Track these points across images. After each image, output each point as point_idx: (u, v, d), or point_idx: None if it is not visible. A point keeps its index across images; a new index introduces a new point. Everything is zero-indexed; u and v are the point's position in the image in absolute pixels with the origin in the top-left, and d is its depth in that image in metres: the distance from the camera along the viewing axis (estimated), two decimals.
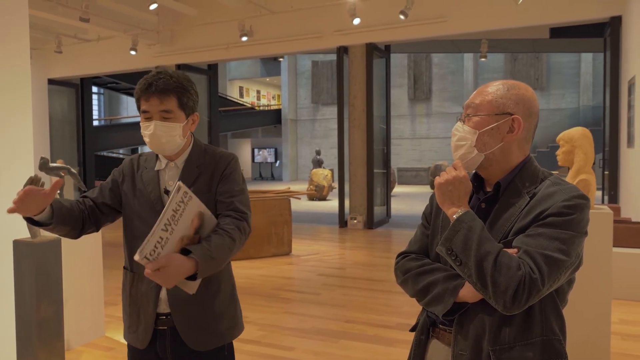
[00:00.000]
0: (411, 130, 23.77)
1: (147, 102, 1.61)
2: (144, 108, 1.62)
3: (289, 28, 9.62)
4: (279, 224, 6.94)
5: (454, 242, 1.21)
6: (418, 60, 23.27)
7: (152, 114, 1.62)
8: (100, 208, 1.72)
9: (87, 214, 1.68)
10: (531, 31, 9.24)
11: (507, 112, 1.28)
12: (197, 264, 1.42)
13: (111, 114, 28.48)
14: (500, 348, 1.21)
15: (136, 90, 1.64)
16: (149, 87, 1.59)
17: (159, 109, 1.61)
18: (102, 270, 3.97)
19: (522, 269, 1.14)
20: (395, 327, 4.07)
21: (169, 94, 1.60)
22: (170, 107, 1.61)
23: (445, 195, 1.27)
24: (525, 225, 1.22)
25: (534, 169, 1.31)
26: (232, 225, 1.59)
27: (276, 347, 3.67)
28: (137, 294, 1.70)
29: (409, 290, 1.38)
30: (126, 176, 1.75)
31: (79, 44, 11.62)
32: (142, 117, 1.64)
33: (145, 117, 1.62)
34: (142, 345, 1.69)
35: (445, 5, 8.41)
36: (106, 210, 1.73)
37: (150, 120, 1.62)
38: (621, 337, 3.79)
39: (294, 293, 5.16)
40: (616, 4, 7.37)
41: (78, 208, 1.66)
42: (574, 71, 21.20)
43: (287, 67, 25.67)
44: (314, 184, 14.93)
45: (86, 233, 1.70)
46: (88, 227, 1.69)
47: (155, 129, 1.61)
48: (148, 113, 1.62)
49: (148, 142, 1.64)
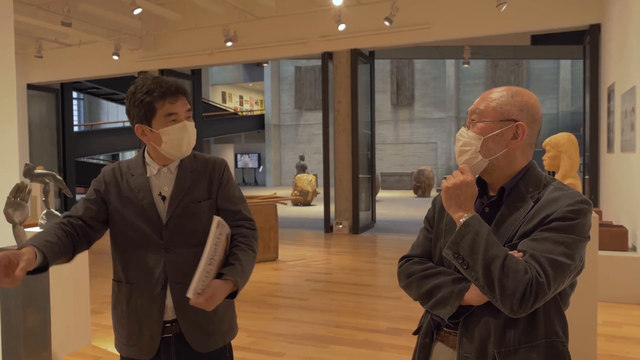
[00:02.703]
0: (394, 136, 23.93)
1: (173, 104, 1.61)
2: (170, 110, 1.61)
3: (274, 33, 9.63)
4: (266, 230, 6.91)
5: (461, 245, 1.23)
6: (401, 66, 23.46)
7: (180, 115, 1.63)
8: (90, 225, 1.65)
9: (77, 234, 1.61)
10: (513, 38, 9.40)
11: (511, 118, 1.30)
12: (235, 284, 1.56)
13: (91, 120, 28.10)
14: (505, 350, 1.23)
15: (152, 94, 1.59)
16: (175, 90, 1.62)
17: (186, 109, 1.65)
18: (88, 279, 3.91)
19: (529, 272, 1.16)
20: (384, 331, 4.09)
21: (188, 96, 1.67)
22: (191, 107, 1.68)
23: (452, 199, 1.29)
24: (530, 229, 1.23)
25: (537, 174, 1.33)
26: (249, 238, 1.70)
27: (266, 354, 3.65)
28: (137, 305, 1.66)
29: (413, 293, 1.39)
30: (109, 185, 1.68)
31: (59, 49, 11.46)
32: (164, 120, 1.61)
33: (171, 119, 1.61)
34: (149, 355, 1.67)
35: (429, 12, 8.51)
36: (96, 226, 1.67)
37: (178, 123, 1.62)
38: (605, 338, 3.86)
39: (282, 299, 5.14)
40: (595, 12, 7.54)
41: (66, 233, 1.58)
42: (553, 77, 21.60)
43: (270, 73, 25.65)
44: (298, 189, 14.92)
45: (79, 253, 1.63)
46: (80, 248, 1.63)
47: (190, 127, 1.65)
48: (176, 115, 1.62)
49: (179, 145, 1.62)
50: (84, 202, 1.68)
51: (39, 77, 12.26)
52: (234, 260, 1.60)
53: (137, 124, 1.64)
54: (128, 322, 1.68)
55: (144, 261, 1.65)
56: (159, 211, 1.65)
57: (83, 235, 1.63)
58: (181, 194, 1.67)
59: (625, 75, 5.66)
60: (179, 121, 1.62)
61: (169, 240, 1.64)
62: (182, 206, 1.66)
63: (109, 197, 1.68)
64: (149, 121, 1.62)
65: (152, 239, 1.64)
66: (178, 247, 1.65)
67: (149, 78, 1.64)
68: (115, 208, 1.67)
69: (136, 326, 1.67)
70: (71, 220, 1.63)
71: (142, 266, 1.66)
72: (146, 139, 1.66)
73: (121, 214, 1.66)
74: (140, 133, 1.66)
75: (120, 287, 1.70)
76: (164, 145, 1.62)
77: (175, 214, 1.65)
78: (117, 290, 1.71)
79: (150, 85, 1.60)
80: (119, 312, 1.71)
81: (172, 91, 1.60)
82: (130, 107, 1.64)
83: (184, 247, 1.66)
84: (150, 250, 1.65)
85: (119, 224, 1.67)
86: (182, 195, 1.67)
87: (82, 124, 27.01)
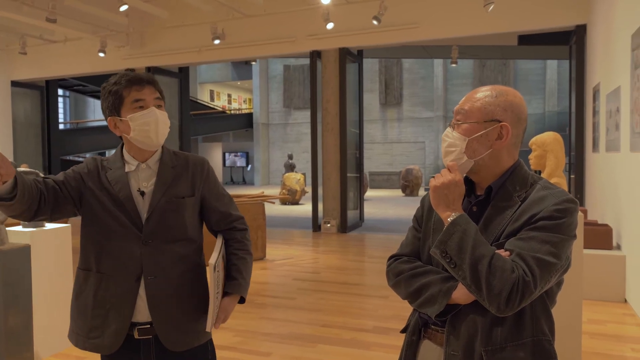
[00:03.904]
0: (382, 135, 23.98)
1: (140, 91, 1.60)
2: (137, 97, 1.59)
3: (262, 32, 9.59)
4: (253, 229, 6.87)
5: (448, 244, 1.23)
6: (389, 66, 23.52)
7: (147, 102, 1.61)
8: (64, 193, 1.60)
9: (45, 195, 1.55)
10: (500, 38, 9.47)
11: (495, 119, 1.30)
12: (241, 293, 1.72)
13: (77, 117, 27.79)
14: (492, 349, 1.23)
15: (120, 83, 1.59)
16: (140, 78, 1.60)
17: (154, 97, 1.63)
18: (71, 278, 3.85)
19: (516, 271, 1.16)
20: (371, 330, 4.08)
21: (156, 85, 1.65)
22: (161, 97, 1.66)
23: (440, 198, 1.28)
24: (517, 228, 1.24)
25: (524, 173, 1.33)
26: (244, 242, 1.79)
27: (253, 353, 3.63)
28: (106, 296, 1.61)
29: (402, 292, 1.39)
30: (91, 172, 1.66)
31: (44, 45, 11.30)
32: (132, 107, 1.59)
33: (138, 105, 1.60)
34: (109, 350, 1.61)
35: (417, 11, 8.54)
36: (66, 199, 1.61)
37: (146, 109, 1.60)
38: (589, 335, 3.89)
39: (269, 298, 5.12)
40: (581, 12, 7.61)
41: (36, 187, 1.52)
42: (539, 78, 21.80)
43: (258, 71, 25.57)
44: (286, 188, 14.89)
45: (39, 218, 1.56)
46: (43, 211, 1.55)
47: (160, 114, 1.62)
48: (143, 101, 1.60)
49: (146, 131, 1.59)
50: (64, 174, 1.65)
51: (23, 74, 12.09)
52: (236, 274, 1.72)
53: (109, 116, 1.64)
54: (93, 314, 1.62)
55: (119, 251, 1.62)
56: (137, 206, 1.63)
57: (53, 199, 1.58)
58: (163, 188, 1.65)
59: (610, 76, 5.72)
60: (146, 108, 1.60)
61: (148, 234, 1.62)
62: (165, 200, 1.64)
63: (89, 184, 1.64)
64: (118, 111, 1.61)
65: (130, 230, 1.61)
66: (156, 240, 1.63)
67: (120, 74, 1.65)
68: (94, 195, 1.63)
69: (101, 318, 1.61)
70: (47, 182, 1.59)
71: (117, 256, 1.62)
72: (118, 131, 1.65)
73: (100, 201, 1.63)
74: (113, 126, 1.65)
75: (89, 276, 1.65)
76: (133, 133, 1.60)
77: (158, 208, 1.63)
78: (84, 279, 1.66)
79: (118, 77, 1.62)
80: (83, 302, 1.65)
81: (138, 79, 1.60)
82: (102, 101, 1.66)
83: (163, 242, 1.64)
84: (126, 241, 1.61)
85: (96, 210, 1.63)
86: (165, 189, 1.65)
87: (68, 122, 26.73)
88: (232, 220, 1.78)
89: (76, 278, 1.69)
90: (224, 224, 1.78)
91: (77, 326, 1.66)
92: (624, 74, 4.92)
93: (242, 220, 1.82)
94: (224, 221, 1.78)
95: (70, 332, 1.70)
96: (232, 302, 1.70)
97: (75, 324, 1.67)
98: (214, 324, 1.63)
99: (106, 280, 1.61)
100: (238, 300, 1.72)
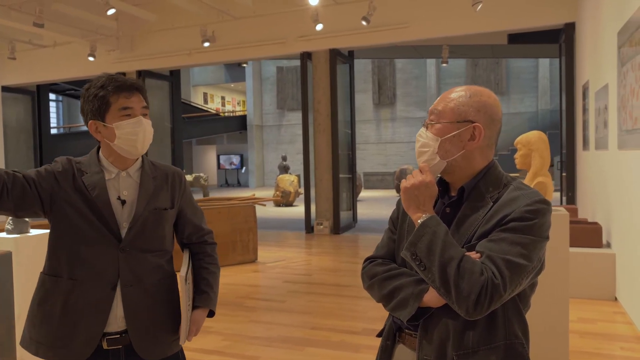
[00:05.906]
0: (376, 135, 23.98)
1: (128, 98, 1.57)
2: (125, 105, 1.56)
3: (252, 34, 9.56)
4: (244, 231, 6.85)
5: (418, 247, 1.21)
6: (382, 66, 23.53)
7: (135, 110, 1.58)
8: (32, 191, 1.51)
9: (10, 187, 1.47)
10: (490, 37, 9.47)
11: (468, 119, 1.28)
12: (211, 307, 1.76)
13: (71, 122, 27.67)
14: (464, 353, 1.21)
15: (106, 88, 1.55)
16: (131, 85, 1.57)
17: (142, 105, 1.60)
18: None
19: (485, 274, 1.14)
20: (360, 332, 4.06)
21: (144, 93, 1.62)
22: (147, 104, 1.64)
23: (410, 199, 1.27)
24: (488, 229, 1.22)
25: (497, 174, 1.31)
26: (214, 255, 1.85)
27: (240, 357, 3.60)
28: (78, 304, 1.56)
29: (375, 295, 1.37)
30: (66, 172, 1.58)
31: (34, 50, 11.25)
32: (119, 114, 1.56)
33: (125, 113, 1.56)
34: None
35: (406, 11, 8.53)
36: (34, 199, 1.51)
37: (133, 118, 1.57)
38: (579, 335, 3.88)
39: (259, 301, 5.09)
40: (569, 11, 7.63)
41: (1, 177, 1.46)
42: (532, 76, 21.85)
43: (251, 73, 25.53)
44: (280, 189, 14.86)
45: (2, 209, 1.48)
46: (5, 204, 1.47)
47: (147, 124, 1.60)
48: (131, 109, 1.57)
49: (133, 140, 1.56)
50: (36, 171, 1.56)
51: (13, 79, 12.02)
52: (207, 288, 1.75)
53: (91, 120, 1.59)
54: (60, 322, 1.56)
55: (94, 259, 1.57)
56: (116, 214, 1.59)
57: (18, 195, 1.49)
58: (146, 199, 1.63)
59: (598, 73, 5.72)
60: (134, 116, 1.57)
61: (127, 243, 1.58)
62: (149, 210, 1.62)
63: (63, 185, 1.56)
64: (103, 116, 1.57)
65: (106, 237, 1.57)
66: (134, 249, 1.60)
67: (104, 75, 1.60)
68: (67, 198, 1.56)
69: (70, 327, 1.55)
70: (16, 175, 1.51)
71: (92, 263, 1.57)
72: (100, 136, 1.61)
73: (74, 205, 1.56)
74: (94, 130, 1.60)
75: (58, 283, 1.58)
76: (118, 140, 1.56)
77: (142, 218, 1.60)
78: (52, 286, 1.59)
79: (104, 80, 1.57)
80: (48, 309, 1.57)
81: (127, 85, 1.57)
82: (84, 103, 1.60)
83: (141, 251, 1.61)
84: (103, 248, 1.57)
85: (70, 215, 1.55)
86: (147, 199, 1.63)
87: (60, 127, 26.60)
88: (203, 234, 1.82)
89: (40, 283, 1.63)
90: (195, 237, 1.81)
91: (39, 334, 1.59)
92: (611, 71, 4.92)
93: (212, 235, 1.86)
94: (196, 234, 1.81)
95: (28, 340, 1.62)
96: (203, 315, 1.73)
97: (36, 332, 1.59)
98: (187, 337, 1.67)
99: (79, 288, 1.55)
100: (207, 312, 1.76)
